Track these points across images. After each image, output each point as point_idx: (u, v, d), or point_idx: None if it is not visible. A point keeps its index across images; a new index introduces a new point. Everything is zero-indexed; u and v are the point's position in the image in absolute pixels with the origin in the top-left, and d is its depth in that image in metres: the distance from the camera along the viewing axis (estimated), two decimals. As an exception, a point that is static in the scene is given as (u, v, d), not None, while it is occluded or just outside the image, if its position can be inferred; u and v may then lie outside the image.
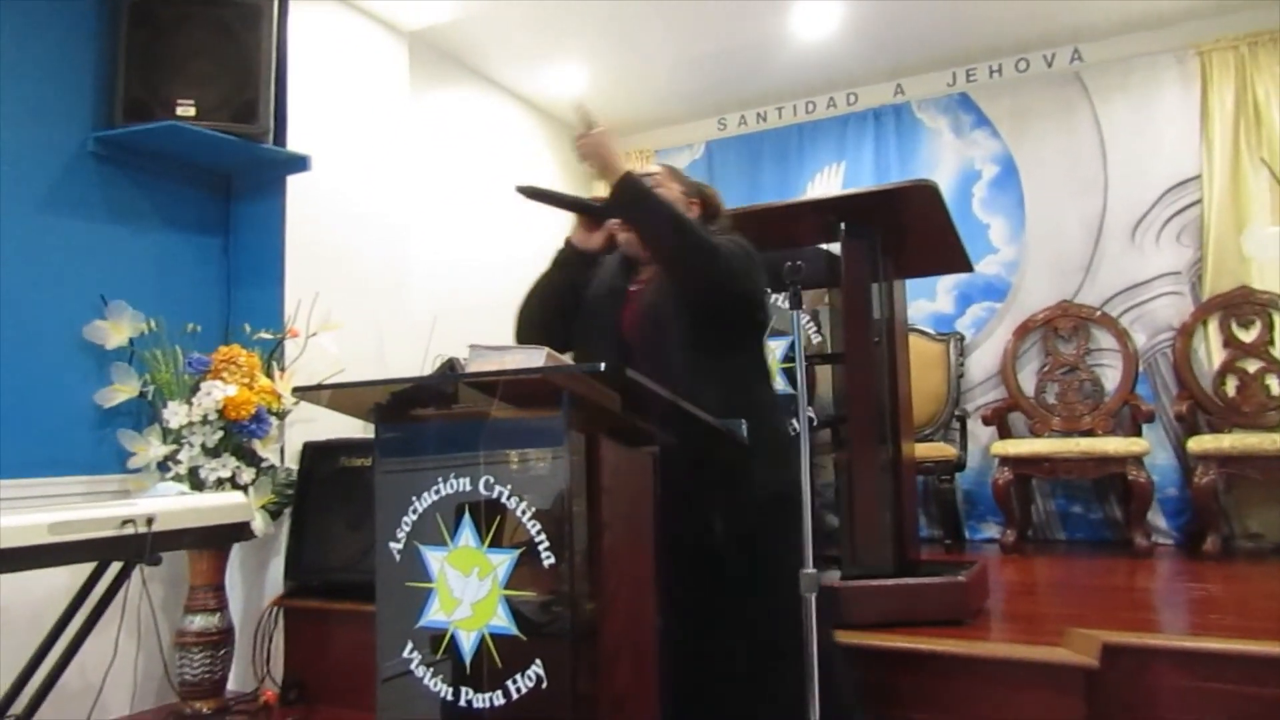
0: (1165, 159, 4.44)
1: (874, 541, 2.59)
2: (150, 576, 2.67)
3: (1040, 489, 4.56)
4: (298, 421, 3.26)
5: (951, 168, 4.90)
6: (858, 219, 2.66)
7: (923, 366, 4.28)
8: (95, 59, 3.08)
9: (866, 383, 2.64)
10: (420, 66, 4.22)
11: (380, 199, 3.82)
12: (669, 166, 2.16)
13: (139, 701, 2.94)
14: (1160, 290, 4.44)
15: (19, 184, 2.86)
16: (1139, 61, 4.55)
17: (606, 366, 1.45)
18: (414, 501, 1.67)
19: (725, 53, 4.72)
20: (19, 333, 2.82)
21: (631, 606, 1.63)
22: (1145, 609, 3.08)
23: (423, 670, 1.64)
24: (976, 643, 2.31)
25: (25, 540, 2.00)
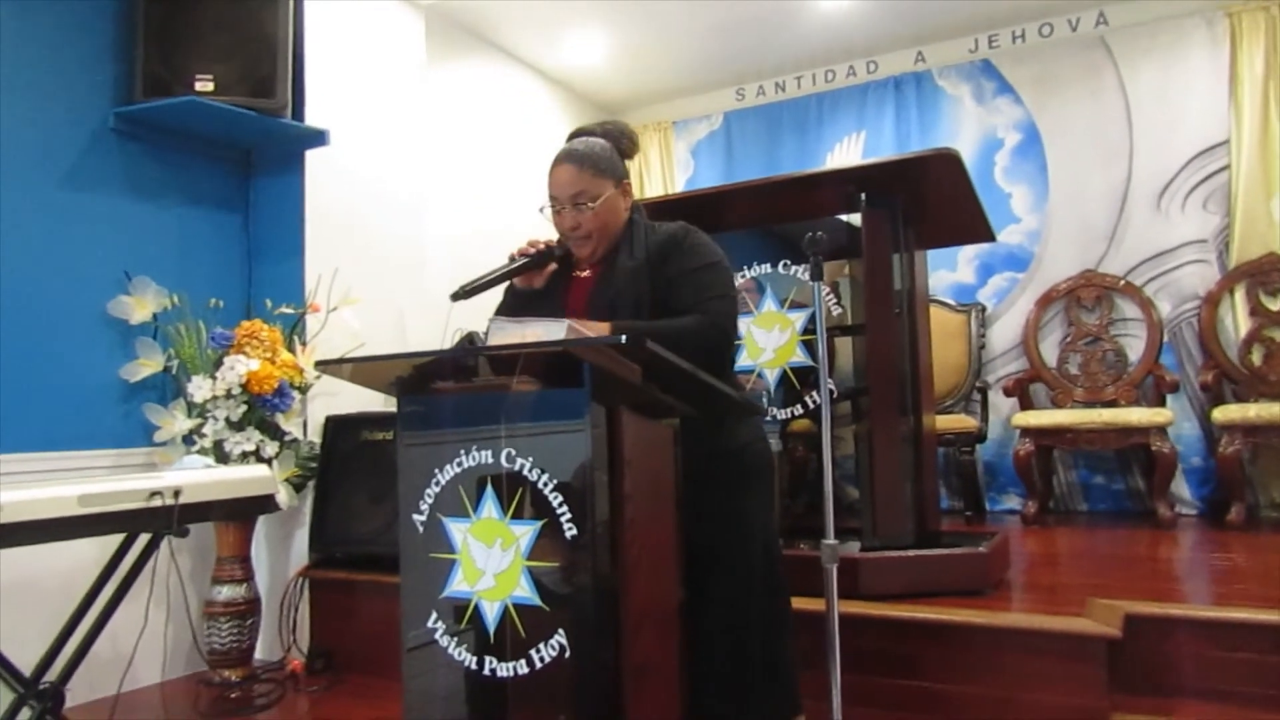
0: (1192, 124, 4.36)
1: (895, 513, 2.59)
2: (178, 548, 2.71)
3: (1062, 460, 4.53)
4: (320, 395, 3.29)
5: (973, 136, 4.84)
6: (878, 189, 2.63)
7: (943, 338, 4.26)
8: (114, 35, 3.08)
9: (887, 354, 2.63)
10: (437, 39, 4.20)
11: (398, 173, 3.82)
12: (591, 162, 1.97)
13: (169, 669, 2.99)
14: (1186, 259, 4.37)
15: (42, 161, 2.88)
16: (1166, 24, 4.45)
17: (628, 338, 1.44)
18: (436, 474, 1.68)
19: (743, 21, 4.66)
20: (45, 309, 2.85)
21: (653, 577, 1.64)
22: (1168, 579, 3.07)
23: (447, 640, 1.66)
24: (998, 613, 2.31)
25: (56, 512, 2.03)
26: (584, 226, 1.97)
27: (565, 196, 1.97)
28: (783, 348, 2.86)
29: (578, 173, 1.96)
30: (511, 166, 4.85)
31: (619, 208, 2.01)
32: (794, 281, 2.86)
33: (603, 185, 1.97)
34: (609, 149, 2.03)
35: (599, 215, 1.97)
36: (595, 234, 1.98)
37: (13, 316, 2.76)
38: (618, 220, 2.01)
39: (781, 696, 1.91)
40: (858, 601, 2.38)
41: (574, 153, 1.99)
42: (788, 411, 2.84)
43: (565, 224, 1.99)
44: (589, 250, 2.01)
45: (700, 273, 1.92)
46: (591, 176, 1.96)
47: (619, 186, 2.01)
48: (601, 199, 1.96)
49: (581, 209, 1.96)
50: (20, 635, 2.27)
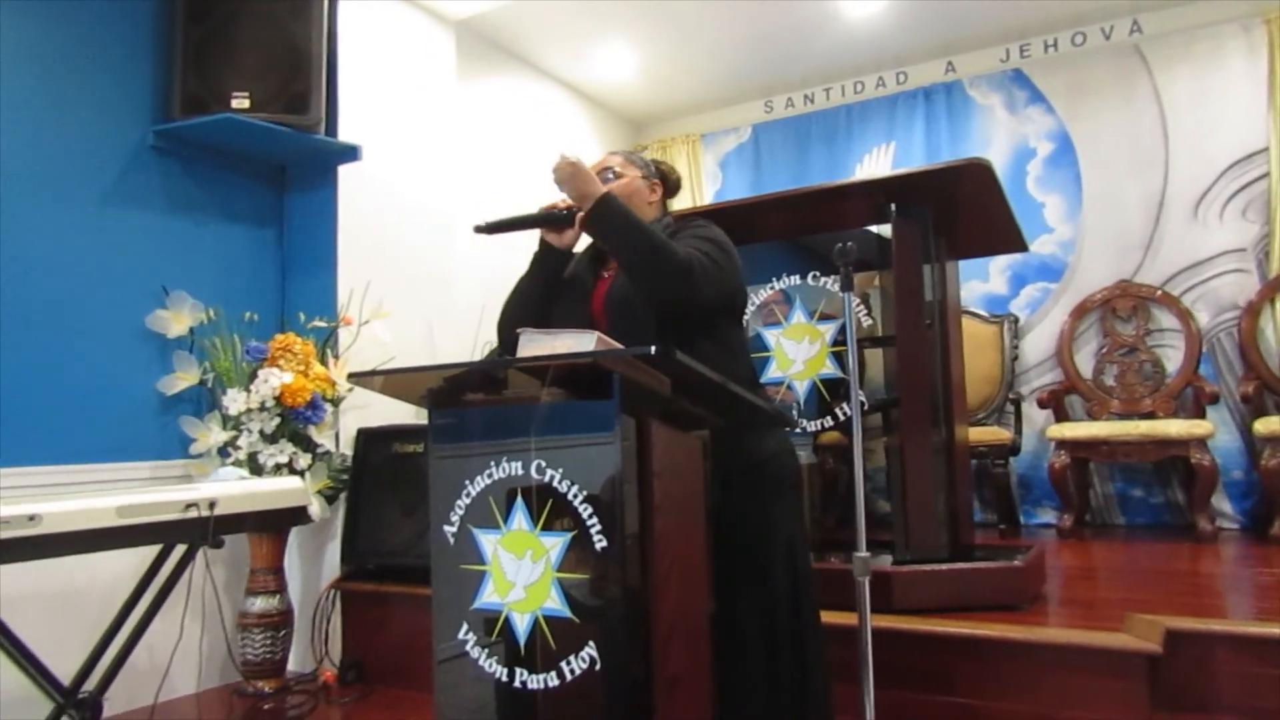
0: (1230, 132, 4.30)
1: (928, 526, 2.56)
2: (213, 559, 2.75)
3: (1098, 472, 4.46)
4: (351, 408, 3.32)
5: (1005, 146, 4.80)
6: (909, 199, 2.62)
7: (975, 349, 4.21)
8: (153, 54, 3.15)
9: (919, 366, 2.61)
10: (467, 55, 4.24)
11: (428, 187, 3.86)
12: (625, 153, 2.15)
13: (204, 680, 3.03)
14: (1224, 268, 4.30)
15: (83, 177, 2.94)
16: (1202, 32, 4.39)
17: (657, 350, 1.44)
18: (467, 485, 1.69)
19: (772, 34, 4.67)
20: (85, 323, 2.91)
21: (683, 589, 1.63)
22: (1210, 594, 3.00)
23: (478, 651, 1.66)
24: (1035, 628, 2.27)
25: (95, 523, 2.07)
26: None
27: (597, 169, 2.04)
28: (812, 359, 2.84)
29: (612, 155, 2.13)
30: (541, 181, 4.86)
31: (643, 195, 2.08)
32: (823, 293, 2.85)
33: (630, 168, 2.09)
34: (651, 161, 2.17)
35: (621, 187, 2.02)
36: None
37: (54, 329, 2.82)
38: (639, 201, 2.06)
39: (813, 710, 1.89)
40: (890, 615, 2.35)
41: (619, 149, 2.15)
42: (818, 423, 2.82)
43: None
44: None
45: (694, 239, 1.93)
46: (622, 160, 2.11)
47: (647, 181, 2.11)
48: (625, 175, 2.07)
49: (605, 179, 2.02)
50: (60, 645, 2.30)
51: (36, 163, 2.82)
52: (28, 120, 2.81)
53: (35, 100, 2.83)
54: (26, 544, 1.93)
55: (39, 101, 2.84)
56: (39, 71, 2.84)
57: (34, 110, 2.82)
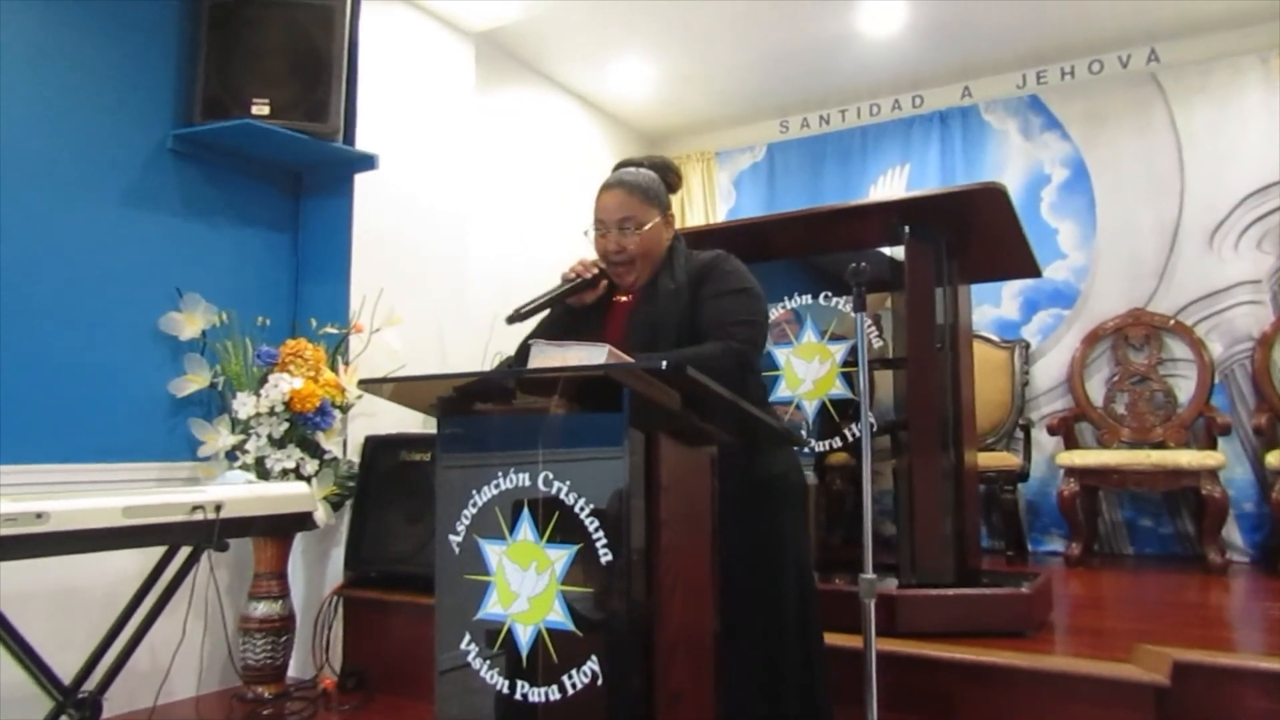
0: (1246, 163, 4.29)
1: (934, 550, 2.54)
2: (217, 562, 2.75)
3: (1107, 501, 4.43)
4: (360, 415, 3.33)
5: (1019, 170, 4.80)
6: (923, 221, 2.62)
7: (986, 373, 4.19)
8: (175, 59, 3.18)
9: (929, 389, 2.60)
10: (485, 66, 4.27)
11: (443, 197, 3.88)
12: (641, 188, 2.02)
13: (204, 683, 3.02)
14: (1239, 299, 4.28)
15: (102, 179, 2.97)
16: (1220, 63, 4.39)
17: (668, 364, 1.44)
18: (474, 495, 1.69)
19: (789, 54, 4.69)
20: (99, 323, 2.92)
21: (688, 604, 1.62)
22: (1219, 626, 2.97)
23: (480, 663, 1.66)
24: (1041, 656, 2.25)
25: (101, 522, 2.07)
26: (628, 250, 2.00)
27: (612, 220, 2.01)
28: (822, 379, 2.84)
29: (626, 197, 2.01)
30: (555, 193, 4.90)
31: (662, 236, 2.05)
32: (834, 313, 2.85)
33: (649, 212, 2.01)
34: (656, 180, 2.08)
35: (644, 240, 2.00)
36: (639, 259, 2.01)
37: (67, 328, 2.84)
38: (660, 247, 2.04)
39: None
40: (894, 639, 2.33)
41: (624, 179, 2.04)
42: (826, 444, 2.81)
43: (609, 247, 2.02)
44: (631, 277, 2.03)
45: (727, 297, 1.93)
46: (640, 202, 2.01)
47: (664, 216, 2.05)
48: (648, 225, 2.00)
49: (627, 233, 1.99)
50: (62, 643, 2.30)
51: (57, 162, 2.85)
52: (49, 120, 2.83)
53: (57, 101, 2.85)
54: (33, 541, 1.94)
55: (61, 102, 2.86)
56: (62, 73, 2.87)
57: (56, 111, 2.85)
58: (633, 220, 1.99)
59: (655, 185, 2.06)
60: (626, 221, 1.99)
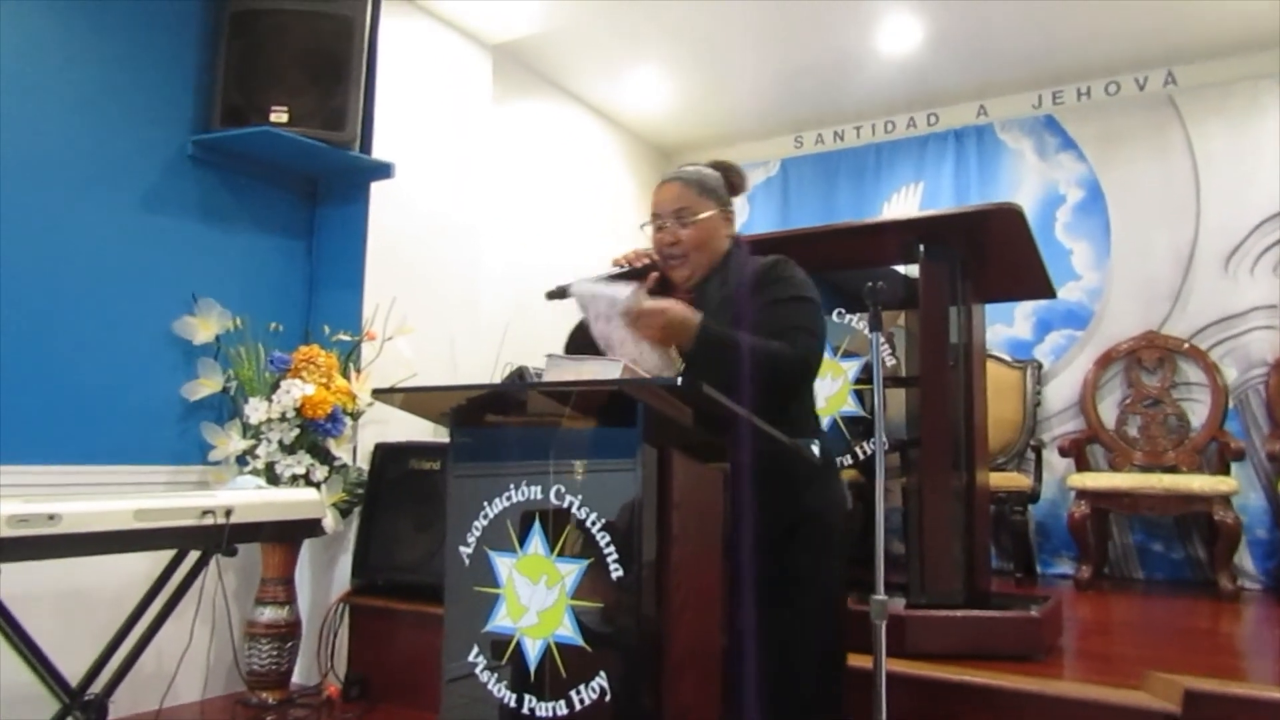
0: (1263, 187, 4.26)
1: (944, 570, 2.53)
2: (225, 567, 2.75)
3: (1118, 524, 4.40)
4: (370, 423, 3.33)
5: (1034, 190, 4.79)
6: (938, 240, 2.61)
7: (998, 393, 4.17)
8: (196, 66, 3.21)
9: (941, 408, 2.59)
10: (503, 78, 4.29)
11: (458, 208, 3.89)
12: (698, 180, 2.01)
13: (209, 688, 3.02)
14: (1254, 324, 4.25)
15: (121, 183, 2.99)
16: (1238, 86, 4.38)
17: (682, 381, 1.44)
18: (485, 507, 1.69)
19: (806, 68, 4.70)
20: (113, 325, 2.94)
21: (698, 622, 1.61)
22: (1230, 654, 2.94)
23: (486, 675, 1.65)
24: (1051, 681, 2.23)
25: (112, 525, 2.08)
26: (683, 243, 1.96)
27: (668, 211, 1.97)
28: (834, 396, 2.83)
29: (683, 188, 1.98)
30: (570, 206, 4.92)
31: (719, 232, 2.00)
32: (848, 330, 2.84)
33: (706, 204, 1.98)
34: (717, 177, 2.04)
35: (698, 232, 1.96)
36: (692, 252, 1.96)
37: (82, 329, 2.86)
38: (717, 244, 2.00)
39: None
40: (902, 660, 2.31)
41: (681, 173, 2.03)
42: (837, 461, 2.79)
43: (664, 240, 1.98)
44: (686, 272, 1.99)
45: (788, 304, 1.88)
46: (696, 194, 1.98)
47: (722, 212, 2.01)
48: (703, 215, 1.97)
49: (683, 223, 1.96)
50: (69, 645, 2.30)
51: (76, 166, 2.87)
52: (70, 124, 2.86)
53: (79, 105, 2.88)
54: (45, 542, 1.95)
55: (82, 106, 2.89)
56: (84, 77, 2.89)
57: (77, 114, 2.88)
58: (688, 210, 1.96)
59: (714, 181, 2.03)
60: (682, 212, 1.96)
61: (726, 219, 2.03)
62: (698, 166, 2.06)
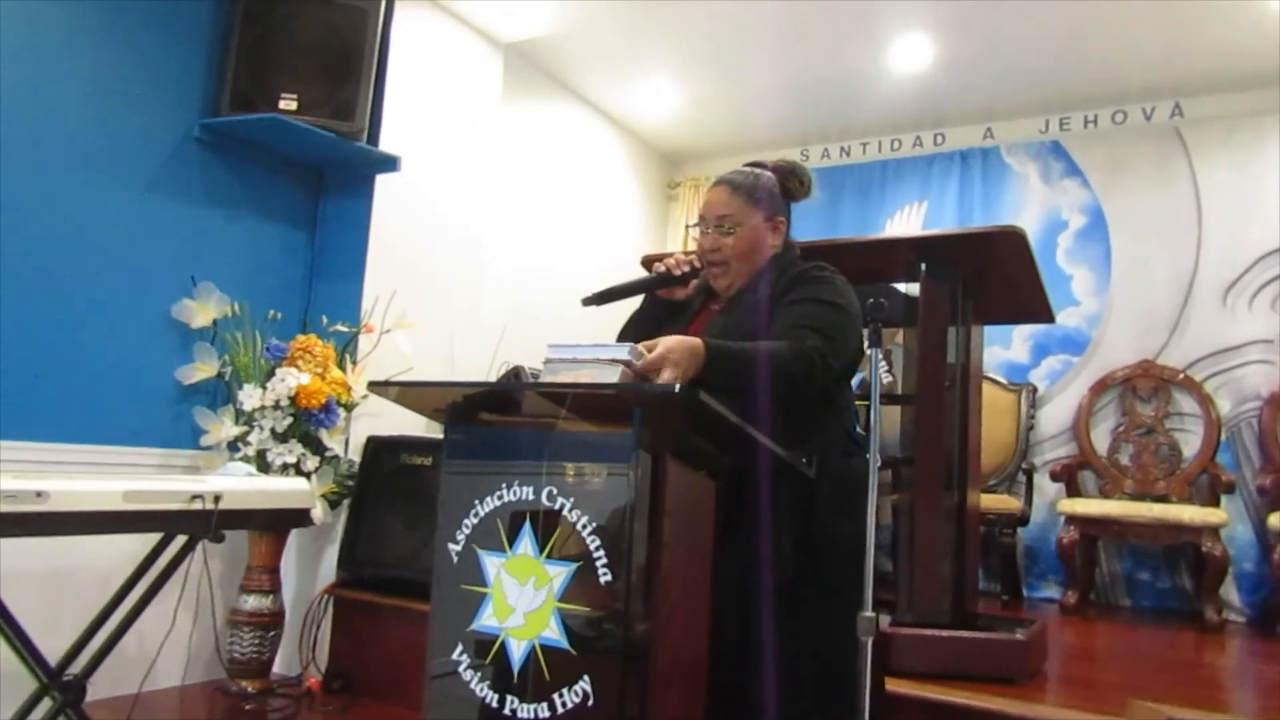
0: (1264, 222, 4.28)
1: (932, 590, 2.52)
2: (211, 553, 2.73)
3: (1106, 551, 4.40)
4: (364, 415, 3.32)
5: (1037, 214, 4.80)
6: (940, 260, 2.61)
7: (992, 415, 4.18)
8: (207, 50, 3.20)
9: (936, 427, 2.59)
10: (513, 77, 4.29)
11: (463, 204, 3.89)
12: (747, 186, 1.95)
13: (190, 674, 3.00)
14: (1250, 357, 4.26)
15: (128, 164, 2.99)
16: (1244, 122, 4.40)
17: (680, 387, 1.44)
18: (476, 505, 1.68)
19: (816, 83, 4.70)
20: (113, 306, 2.93)
21: (686, 630, 1.61)
22: (1214, 686, 2.94)
23: (469, 674, 1.64)
24: (1033, 704, 2.23)
25: (100, 505, 2.06)
26: (724, 251, 1.93)
27: (712, 217, 1.95)
28: (830, 410, 2.82)
29: (729, 195, 1.94)
30: (575, 208, 4.92)
31: (764, 242, 1.95)
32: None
33: (751, 214, 1.93)
34: (770, 182, 1.98)
35: (740, 242, 1.92)
36: (734, 261, 1.93)
37: (81, 309, 2.85)
38: (760, 254, 1.95)
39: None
40: (887, 677, 2.30)
41: (731, 177, 1.98)
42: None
43: (706, 245, 1.95)
44: (726, 281, 1.95)
45: (803, 305, 1.82)
46: (742, 203, 1.94)
47: (769, 221, 1.96)
48: (745, 226, 1.92)
49: (724, 232, 1.93)
50: (53, 625, 2.29)
51: (84, 146, 2.86)
52: (80, 104, 2.85)
53: (89, 86, 2.88)
54: (32, 520, 1.93)
55: (90, 88, 2.88)
56: (95, 59, 2.89)
57: (87, 95, 2.87)
58: (731, 219, 1.92)
59: (764, 187, 1.96)
60: (724, 220, 1.93)
61: (775, 228, 1.97)
62: (755, 169, 2.00)
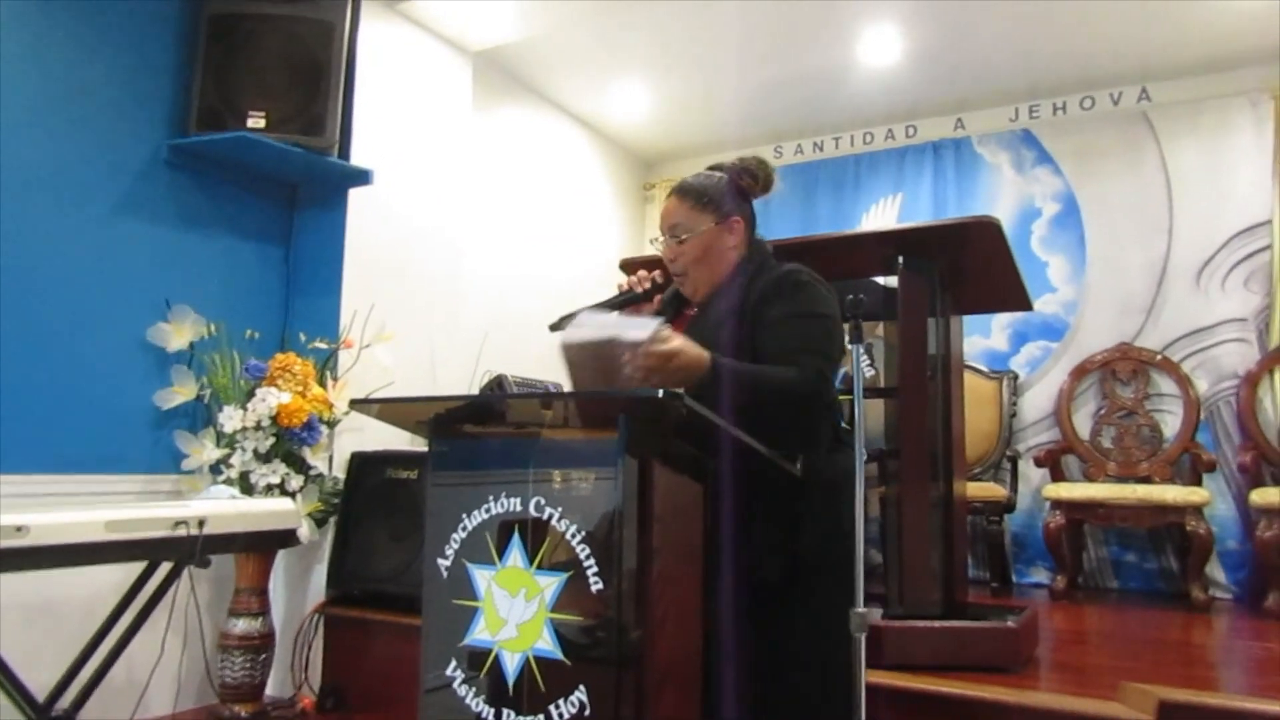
0: (1235, 203, 4.34)
1: (922, 581, 2.53)
2: (198, 577, 2.71)
3: (1093, 535, 4.44)
4: (346, 431, 3.30)
5: (1011, 204, 4.84)
6: (917, 253, 2.62)
7: (974, 404, 4.21)
8: (173, 69, 3.17)
9: (919, 419, 2.60)
10: (483, 85, 4.28)
11: (438, 215, 3.87)
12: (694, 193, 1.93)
13: (181, 700, 2.97)
14: (1225, 336, 4.32)
15: (95, 187, 2.95)
16: (1210, 104, 4.45)
17: (665, 391, 1.44)
18: (464, 518, 1.67)
19: (787, 80, 4.72)
20: (86, 331, 2.89)
21: (678, 635, 1.60)
22: (1203, 665, 2.97)
23: (464, 688, 1.64)
24: (1027, 692, 2.24)
25: (82, 537, 2.04)
26: (679, 260, 1.93)
27: (666, 227, 1.94)
28: (814, 407, 2.83)
29: (677, 204, 1.93)
30: (551, 214, 4.91)
31: (720, 245, 1.92)
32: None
33: (701, 220, 1.91)
34: (720, 183, 1.95)
35: (693, 249, 1.91)
36: (691, 269, 1.92)
37: (54, 336, 2.81)
38: (720, 259, 1.93)
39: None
40: (880, 671, 2.32)
41: (683, 184, 1.97)
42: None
43: (666, 255, 1.96)
44: (690, 288, 1.96)
45: (794, 321, 1.80)
46: (690, 209, 1.92)
47: (723, 223, 1.92)
48: (695, 233, 1.91)
49: (678, 241, 1.92)
50: (38, 658, 2.26)
51: (49, 169, 2.83)
52: (43, 127, 2.82)
53: (52, 108, 2.84)
54: (13, 555, 1.91)
55: (56, 109, 2.85)
56: (58, 80, 2.85)
57: (50, 118, 2.83)
58: (680, 227, 1.91)
59: (714, 190, 1.93)
60: (675, 229, 1.92)
61: (730, 230, 1.93)
62: (706, 173, 1.98)
